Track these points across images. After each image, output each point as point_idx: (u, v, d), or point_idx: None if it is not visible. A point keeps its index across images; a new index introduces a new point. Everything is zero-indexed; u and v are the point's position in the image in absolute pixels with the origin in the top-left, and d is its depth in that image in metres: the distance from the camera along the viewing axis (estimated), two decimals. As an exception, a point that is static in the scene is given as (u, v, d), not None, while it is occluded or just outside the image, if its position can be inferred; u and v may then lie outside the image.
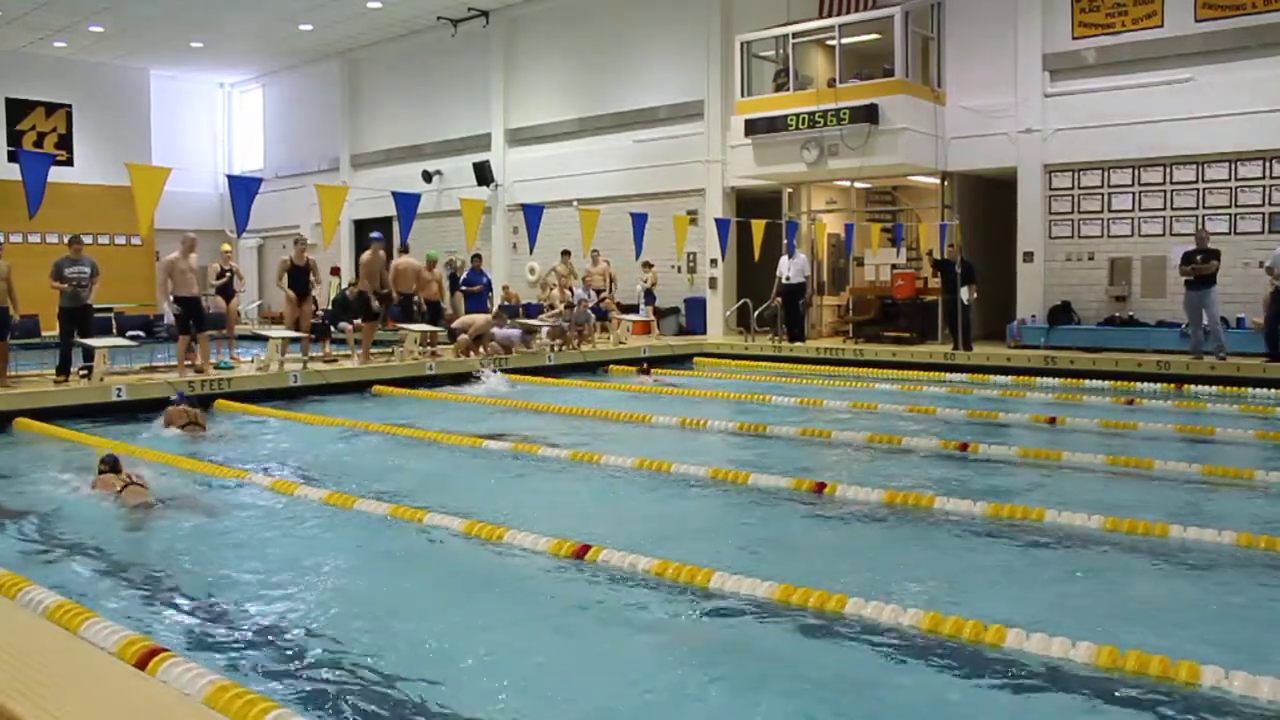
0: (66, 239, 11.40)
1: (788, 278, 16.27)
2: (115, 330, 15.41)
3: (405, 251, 14.64)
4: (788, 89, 16.62)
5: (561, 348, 15.24)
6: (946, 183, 16.70)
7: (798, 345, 16.20)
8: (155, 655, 3.37)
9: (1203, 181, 14.18)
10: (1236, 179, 13.91)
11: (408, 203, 12.42)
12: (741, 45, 17.18)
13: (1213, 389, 11.74)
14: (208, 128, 29.10)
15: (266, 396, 11.56)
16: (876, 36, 16.08)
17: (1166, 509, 6.16)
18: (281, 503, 6.64)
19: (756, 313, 17.44)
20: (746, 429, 9.61)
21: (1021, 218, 15.63)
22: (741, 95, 17.15)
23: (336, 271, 21.26)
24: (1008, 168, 15.72)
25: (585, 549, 5.17)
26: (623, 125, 20.14)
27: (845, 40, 16.07)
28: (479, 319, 14.57)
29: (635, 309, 18.33)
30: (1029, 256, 15.60)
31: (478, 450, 8.53)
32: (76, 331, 11.17)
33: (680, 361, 16.32)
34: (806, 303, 17.03)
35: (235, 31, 23.04)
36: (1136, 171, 14.70)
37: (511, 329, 14.77)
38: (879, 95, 15.48)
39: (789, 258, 16.26)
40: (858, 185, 18.48)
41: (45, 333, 15.82)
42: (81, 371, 11.32)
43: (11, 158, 20.39)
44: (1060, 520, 5.80)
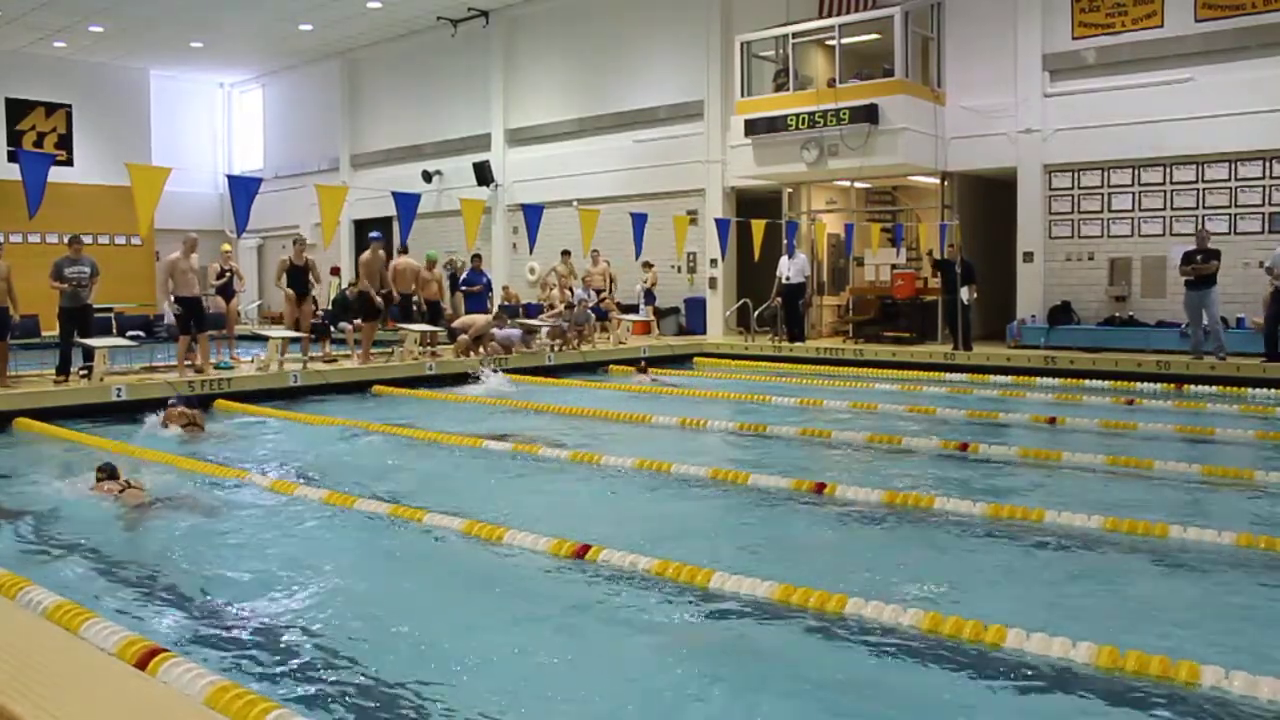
0: (66, 239, 11.40)
1: (788, 278, 16.27)
2: (115, 330, 15.41)
3: (404, 252, 14.65)
4: (788, 89, 16.63)
5: (561, 348, 15.24)
6: (946, 183, 16.70)
7: (798, 345, 16.20)
8: (155, 655, 3.37)
9: (1203, 181, 14.18)
10: (1236, 179, 13.91)
11: (408, 203, 12.43)
12: (741, 45, 17.18)
13: (1213, 389, 11.73)
14: (208, 128, 29.10)
15: (266, 396, 11.57)
16: (876, 36, 16.08)
17: (1166, 509, 6.16)
18: (281, 503, 6.64)
19: (756, 313, 17.44)
20: (746, 429, 9.61)
21: (1021, 218, 15.63)
22: (741, 95, 17.15)
23: (336, 271, 21.26)
24: (1008, 168, 15.72)
25: (585, 549, 5.18)
26: (623, 125, 20.14)
27: (845, 40, 16.07)
28: (480, 319, 14.57)
29: (635, 309, 18.33)
30: (1029, 256, 15.60)
31: (478, 450, 8.53)
32: (76, 331, 11.18)
33: (680, 361, 16.32)
34: (806, 303, 17.04)
35: (235, 31, 23.04)
36: (1136, 171, 14.70)
37: (511, 329, 14.77)
38: (879, 95, 15.48)
39: (789, 258, 16.26)
40: (858, 185, 18.48)
41: (45, 333, 15.82)
42: (81, 371, 11.33)
43: (11, 158, 20.39)
44: (1060, 520, 5.80)
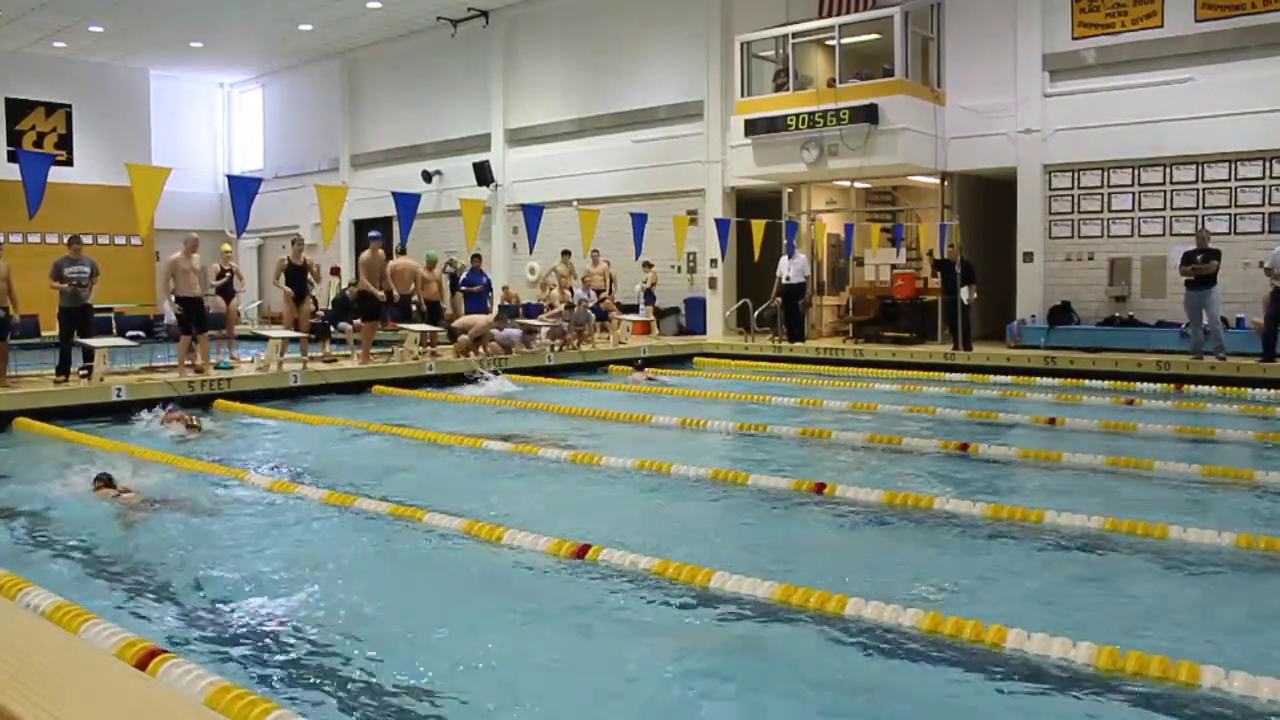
0: (66, 239, 11.40)
1: (788, 278, 16.27)
2: (115, 330, 15.44)
3: (403, 253, 14.66)
4: (788, 89, 16.63)
5: (561, 348, 15.24)
6: (946, 183, 16.70)
7: (798, 345, 16.20)
8: (155, 656, 3.37)
9: (1203, 181, 14.18)
10: (1236, 179, 13.91)
11: (408, 203, 12.43)
12: (741, 45, 17.18)
13: (1213, 389, 11.73)
14: (208, 128, 29.10)
15: (266, 396, 11.57)
16: (876, 36, 16.08)
17: (1166, 509, 6.16)
18: (281, 503, 6.64)
19: (756, 313, 17.43)
20: (746, 429, 9.62)
21: (1021, 218, 15.63)
22: (741, 95, 17.15)
23: (336, 271, 21.27)
24: (1007, 168, 15.71)
25: (585, 549, 5.17)
26: (622, 125, 20.14)
27: (845, 40, 16.07)
28: (480, 320, 14.57)
29: (635, 309, 18.33)
30: (1029, 256, 15.60)
31: (478, 450, 8.53)
32: (76, 331, 11.18)
33: (680, 361, 16.31)
34: (806, 303, 17.04)
35: (235, 31, 23.04)
36: (1136, 171, 14.70)
37: (512, 329, 14.78)
38: (879, 95, 15.47)
39: (789, 258, 16.26)
40: (858, 185, 18.48)
41: (45, 333, 15.85)
42: (81, 371, 11.33)
43: (11, 158, 20.39)
44: (1060, 520, 5.80)
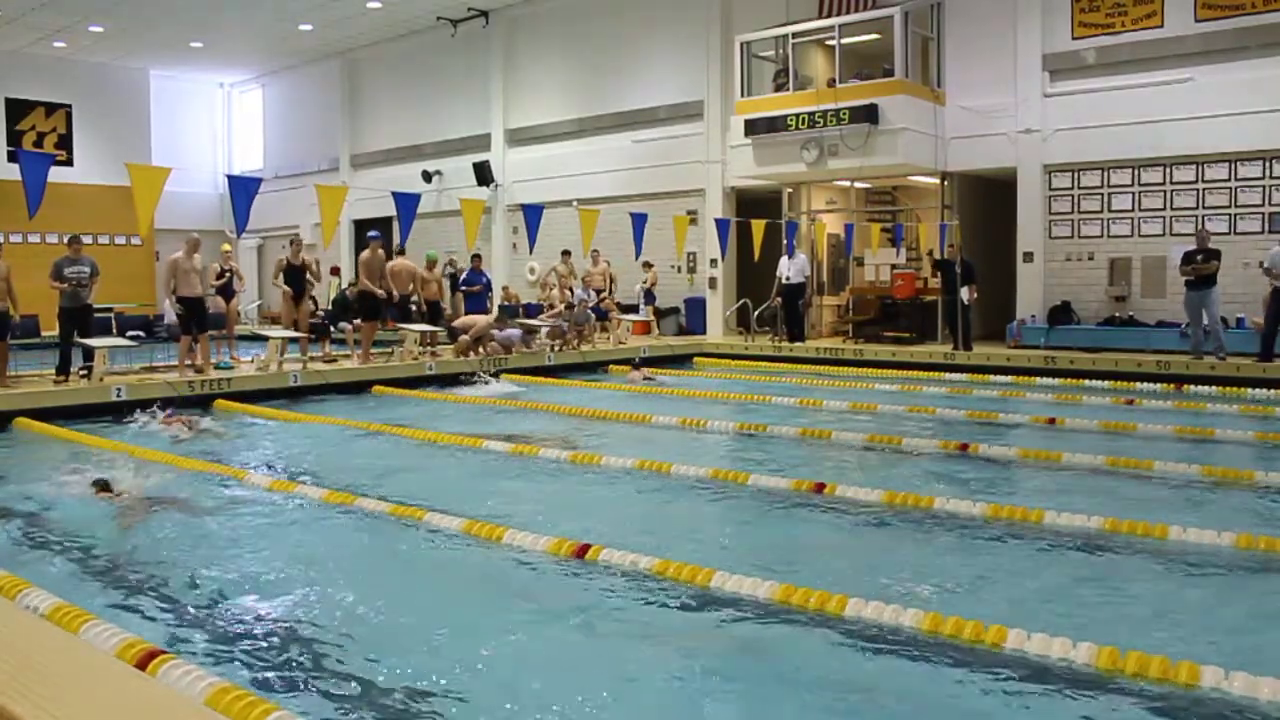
0: (66, 239, 11.40)
1: (788, 278, 16.27)
2: (115, 330, 15.44)
3: (401, 253, 14.66)
4: (788, 89, 16.63)
5: (561, 348, 15.24)
6: (946, 183, 16.70)
7: (798, 345, 16.21)
8: (155, 657, 3.37)
9: (1203, 181, 14.18)
10: (1236, 179, 13.91)
11: (408, 203, 12.42)
12: (741, 45, 17.18)
13: (1213, 389, 11.73)
14: (208, 128, 29.10)
15: (266, 396, 11.57)
16: (876, 36, 16.08)
17: (1166, 509, 6.16)
18: (281, 502, 6.64)
19: (756, 313, 17.43)
20: (746, 429, 9.62)
21: (1021, 218, 15.63)
22: (741, 95, 17.15)
23: (336, 271, 21.26)
24: (1007, 168, 15.71)
25: (585, 548, 5.17)
26: (622, 125, 20.14)
27: (845, 40, 16.07)
28: (480, 320, 14.57)
29: (635, 309, 18.33)
30: (1029, 256, 15.60)
31: (478, 450, 8.53)
32: (76, 331, 11.18)
33: (680, 361, 16.32)
34: (806, 303, 17.04)
35: (235, 31, 23.04)
36: (1136, 171, 14.70)
37: (512, 329, 14.78)
38: (879, 95, 15.47)
39: (789, 258, 16.26)
40: (858, 185, 18.48)
41: (45, 333, 15.85)
42: (81, 371, 11.33)
43: (11, 158, 20.39)
44: (1060, 520, 5.80)
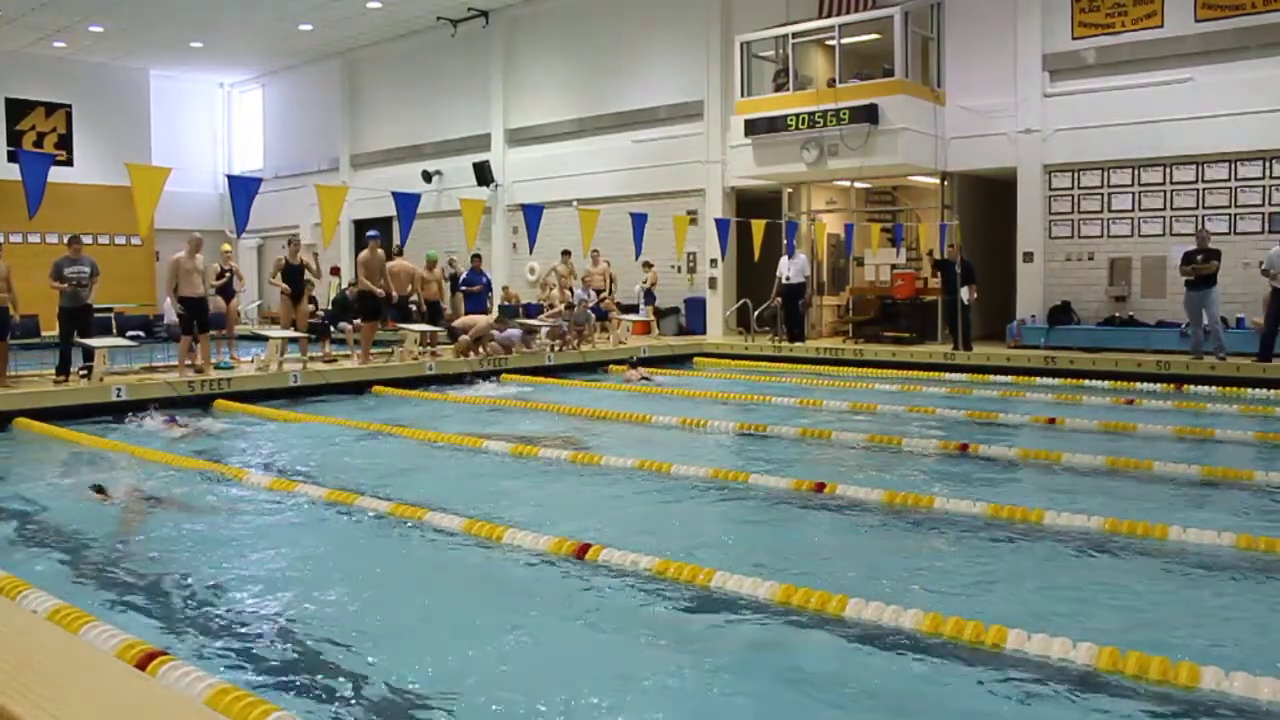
0: (66, 239, 11.40)
1: (788, 278, 16.27)
2: (115, 330, 15.44)
3: (400, 254, 14.65)
4: (788, 89, 16.62)
5: (561, 348, 15.24)
6: (946, 183, 16.69)
7: (798, 345, 16.20)
8: (154, 658, 3.36)
9: (1203, 181, 14.18)
10: (1236, 179, 13.91)
11: (408, 203, 12.43)
12: (741, 45, 17.18)
13: (1212, 389, 11.73)
14: (208, 128, 29.10)
15: (266, 396, 11.57)
16: (876, 36, 16.08)
17: (1166, 509, 6.16)
18: (281, 502, 6.64)
19: (756, 313, 17.43)
20: (746, 429, 9.62)
21: (1021, 218, 15.62)
22: (741, 95, 17.15)
23: (336, 271, 21.26)
24: (1007, 168, 15.71)
25: (585, 548, 5.17)
26: (622, 125, 20.14)
27: (845, 40, 16.07)
28: (480, 320, 14.57)
29: (635, 309, 18.34)
30: (1029, 256, 15.60)
31: (478, 450, 8.53)
32: (76, 331, 11.18)
33: (680, 361, 16.32)
34: (806, 303, 17.04)
35: (235, 31, 23.04)
36: (1136, 171, 14.70)
37: (512, 329, 14.78)
38: (879, 95, 15.47)
39: (789, 258, 16.26)
40: (858, 185, 18.48)
41: (45, 333, 15.85)
42: (81, 371, 11.32)
43: (11, 158, 20.39)
44: (1060, 520, 5.80)
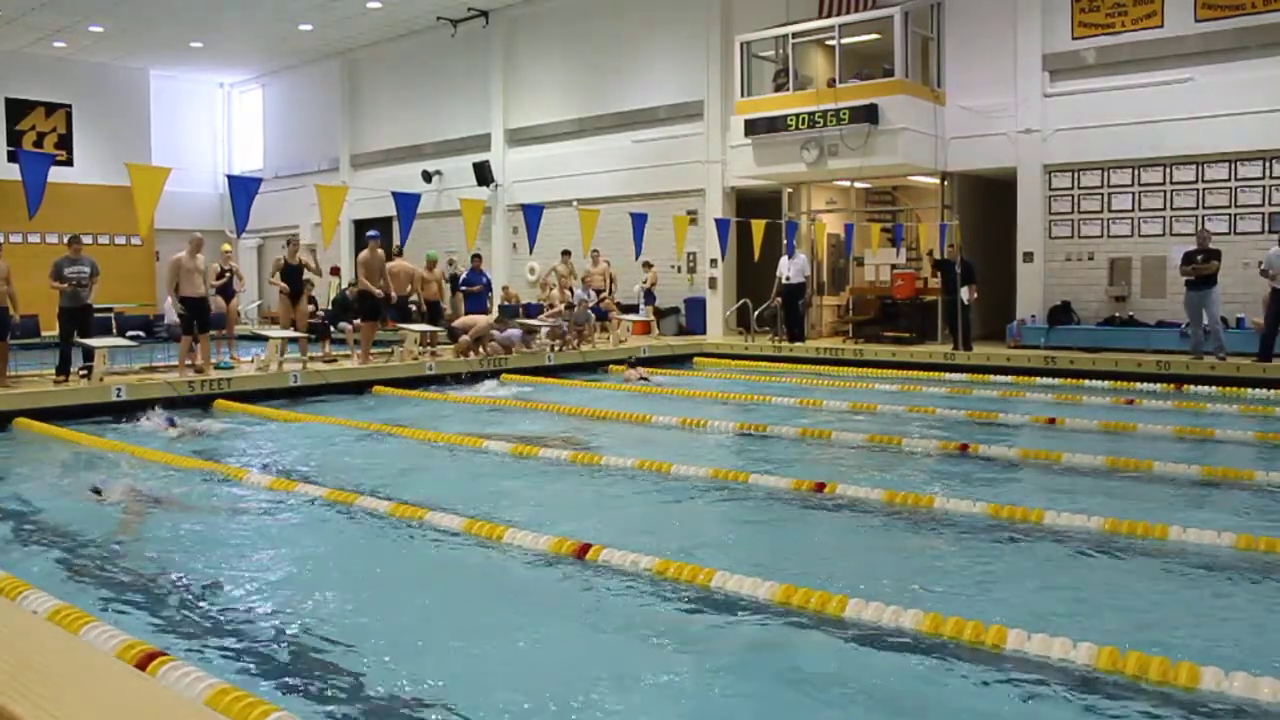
0: (66, 239, 11.40)
1: (788, 278, 16.27)
2: (115, 330, 15.45)
3: (400, 254, 14.66)
4: (788, 89, 16.62)
5: (561, 348, 15.24)
6: (946, 183, 16.69)
7: (798, 345, 16.20)
8: (154, 659, 3.36)
9: (1203, 181, 14.18)
10: (1236, 179, 13.91)
11: (408, 203, 12.43)
12: (741, 45, 17.17)
13: (1213, 389, 11.73)
14: (208, 128, 29.10)
15: (266, 396, 11.57)
16: (876, 36, 16.08)
17: (1166, 509, 6.16)
18: (281, 502, 6.64)
19: (756, 313, 17.43)
20: (746, 429, 9.62)
21: (1021, 218, 15.62)
22: (741, 95, 17.15)
23: (336, 271, 21.26)
24: (1007, 168, 15.71)
25: (586, 548, 5.17)
26: (622, 125, 20.14)
27: (845, 40, 16.07)
28: (480, 320, 14.58)
29: (635, 309, 18.34)
30: (1029, 256, 15.60)
31: (478, 450, 8.53)
32: (76, 331, 11.18)
33: (680, 361, 16.32)
34: (806, 303, 17.04)
35: (235, 31, 23.04)
36: (1136, 171, 14.70)
37: (512, 329, 14.78)
38: (879, 95, 15.47)
39: (789, 258, 16.26)
40: (858, 185, 18.48)
41: (45, 333, 15.85)
42: (81, 371, 11.32)
43: (11, 158, 20.39)
44: (1060, 520, 5.80)
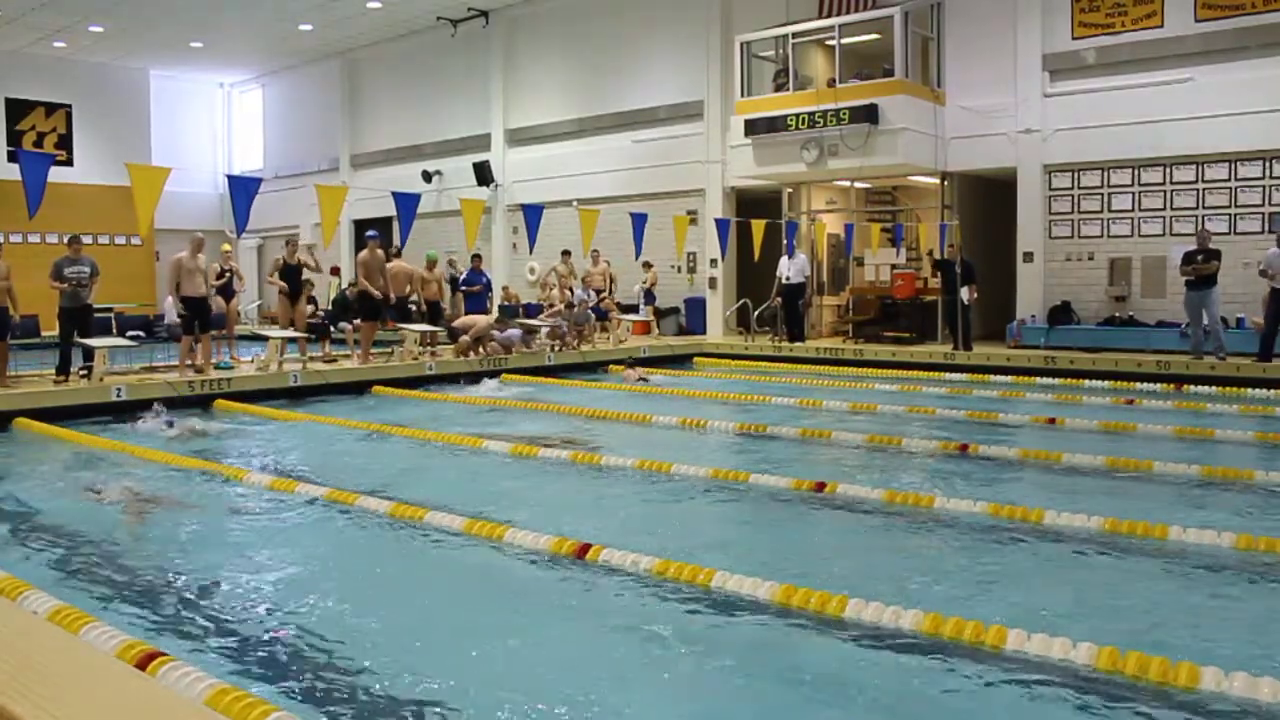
0: (66, 239, 11.40)
1: (788, 278, 16.27)
2: (115, 330, 15.44)
3: (398, 255, 14.66)
4: (788, 89, 16.63)
5: (561, 348, 15.24)
6: (946, 183, 16.69)
7: (798, 345, 16.20)
8: (154, 659, 3.36)
9: (1203, 181, 14.18)
10: (1236, 179, 13.91)
11: (408, 203, 12.43)
12: (741, 45, 17.18)
13: (1213, 389, 11.73)
14: (208, 128, 29.10)
15: (266, 396, 11.57)
16: (876, 36, 16.08)
17: (1166, 509, 6.16)
18: (281, 502, 6.64)
19: (756, 313, 17.44)
20: (746, 429, 9.61)
21: (1021, 218, 15.63)
22: (741, 95, 17.15)
23: (336, 271, 21.26)
24: (1007, 168, 15.71)
25: (586, 548, 5.17)
26: (622, 125, 20.14)
27: (845, 40, 16.07)
28: (481, 320, 14.58)
29: (635, 309, 18.34)
30: (1029, 256, 15.60)
31: (477, 450, 8.53)
32: (76, 331, 11.18)
33: (680, 361, 16.32)
34: (806, 303, 17.04)
35: (235, 31, 23.04)
36: (1136, 171, 14.70)
37: (512, 329, 14.78)
38: (879, 95, 15.47)
39: (789, 258, 16.26)
40: (858, 185, 18.48)
41: (45, 333, 15.84)
42: (81, 371, 11.32)
43: (11, 158, 20.39)
44: (1060, 520, 5.80)
